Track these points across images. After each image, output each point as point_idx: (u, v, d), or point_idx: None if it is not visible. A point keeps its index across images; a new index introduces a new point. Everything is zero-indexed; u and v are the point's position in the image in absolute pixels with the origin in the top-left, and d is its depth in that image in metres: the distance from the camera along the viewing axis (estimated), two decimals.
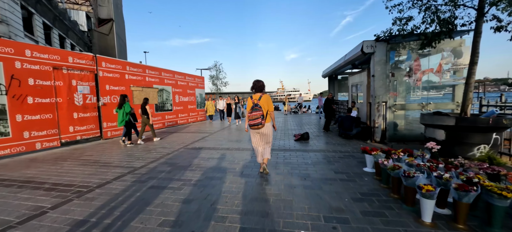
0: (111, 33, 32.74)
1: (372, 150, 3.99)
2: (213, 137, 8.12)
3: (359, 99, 9.28)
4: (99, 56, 7.97)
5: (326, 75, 12.81)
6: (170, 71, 11.74)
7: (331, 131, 8.72)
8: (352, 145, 6.31)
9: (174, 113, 11.83)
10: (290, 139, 7.38)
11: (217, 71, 30.94)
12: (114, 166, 4.74)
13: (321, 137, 7.70)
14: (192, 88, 13.63)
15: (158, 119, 10.73)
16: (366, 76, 7.90)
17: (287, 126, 10.70)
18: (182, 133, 9.39)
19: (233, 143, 6.93)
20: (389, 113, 6.41)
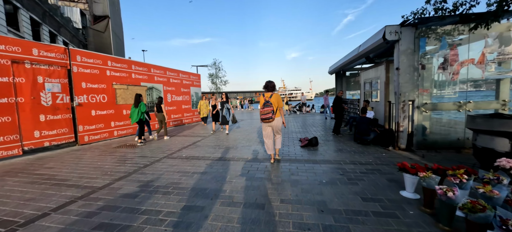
0: (107, 30, 31.71)
1: (415, 168, 2.85)
2: (206, 142, 7.01)
3: (373, 97, 8.10)
4: (73, 49, 6.88)
5: (333, 71, 11.64)
6: (161, 68, 10.63)
7: (342, 135, 7.56)
8: (372, 153, 5.15)
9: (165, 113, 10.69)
10: (295, 145, 6.24)
11: (217, 69, 29.83)
12: (69, 186, 3.63)
13: (332, 142, 6.55)
14: (186, 86, 12.53)
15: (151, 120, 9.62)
16: (384, 71, 6.72)
17: (290, 128, 9.56)
18: (172, 136, 8.29)
19: (227, 151, 5.80)
20: (417, 114, 5.24)
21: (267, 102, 4.28)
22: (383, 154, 5.09)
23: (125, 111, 8.48)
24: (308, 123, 10.93)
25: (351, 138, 7.03)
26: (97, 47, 26.70)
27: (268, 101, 4.27)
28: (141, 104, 6.81)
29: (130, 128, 8.70)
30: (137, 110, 6.76)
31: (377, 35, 5.58)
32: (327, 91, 13.39)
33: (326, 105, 13.11)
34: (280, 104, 4.35)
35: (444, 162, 4.37)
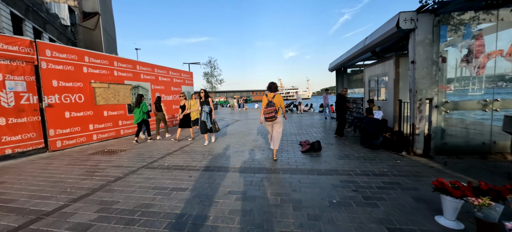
0: (98, 27, 30.54)
1: (459, 189, 2.13)
2: (194, 146, 6.24)
3: (378, 96, 7.42)
4: (41, 42, 6.02)
5: (333, 68, 10.94)
6: (148, 65, 9.80)
7: (346, 137, 6.86)
8: (385, 160, 4.45)
9: (153, 114, 9.88)
10: (295, 150, 5.51)
11: (212, 68, 28.99)
12: (9, 210, 2.83)
13: (336, 146, 5.83)
14: (177, 85, 11.71)
15: (131, 122, 8.79)
16: (393, 66, 6.04)
17: (287, 129, 8.83)
18: (157, 140, 7.49)
19: (217, 158, 5.05)
20: (435, 114, 4.55)
21: (270, 102, 4.51)
22: (397, 161, 4.39)
23: (106, 113, 7.64)
24: (307, 124, 10.22)
25: (356, 140, 6.33)
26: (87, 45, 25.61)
27: (271, 101, 4.51)
28: (143, 104, 7.03)
29: (112, 131, 7.87)
30: (139, 110, 6.96)
31: (388, 23, 4.87)
32: (327, 89, 12.70)
33: (326, 104, 12.42)
34: (281, 104, 4.62)
35: (472, 172, 3.69)
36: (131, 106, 8.80)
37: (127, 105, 8.61)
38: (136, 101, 7.05)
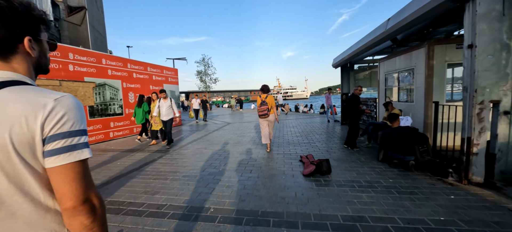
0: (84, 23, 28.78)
1: None
2: (168, 158, 4.69)
3: (399, 96, 5.93)
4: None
5: (338, 64, 9.43)
6: (119, 59, 8.21)
7: (359, 148, 5.35)
8: (431, 193, 2.95)
9: (127, 118, 8.32)
10: (294, 169, 4.00)
11: (206, 66, 27.37)
12: None
13: (349, 164, 4.32)
14: (158, 84, 10.13)
15: (96, 128, 7.21)
16: (425, 57, 4.54)
17: (284, 136, 7.31)
18: (126, 151, 5.92)
19: (186, 180, 3.50)
20: (503, 124, 3.05)
21: (263, 102, 5.19)
22: (450, 196, 2.88)
23: None
24: (307, 129, 8.69)
25: (373, 154, 4.83)
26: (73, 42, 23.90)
27: (264, 101, 5.19)
28: (144, 104, 7.06)
29: None
30: (141, 110, 6.97)
31: None
32: (329, 88, 11.21)
33: (329, 105, 10.93)
34: (273, 103, 5.26)
35: None
36: (95, 109, 7.22)
37: (89, 108, 7.03)
38: (138, 101, 7.12)
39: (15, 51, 0.63)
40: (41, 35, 0.69)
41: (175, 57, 19.49)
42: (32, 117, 0.57)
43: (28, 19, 0.64)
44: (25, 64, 0.66)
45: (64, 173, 0.59)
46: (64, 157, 0.59)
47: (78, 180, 0.61)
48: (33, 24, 0.66)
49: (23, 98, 0.58)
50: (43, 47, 0.72)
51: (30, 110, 0.57)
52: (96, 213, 0.65)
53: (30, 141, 0.57)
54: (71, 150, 0.60)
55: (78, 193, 0.60)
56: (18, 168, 0.57)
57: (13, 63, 0.63)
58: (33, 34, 0.66)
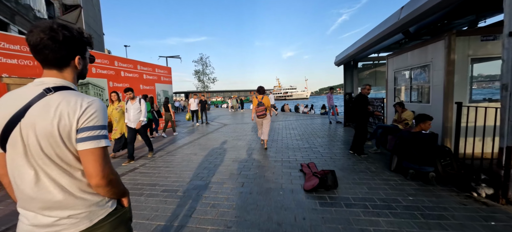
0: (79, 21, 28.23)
1: None
2: (150, 166, 4.10)
3: (412, 97, 5.33)
4: None
5: (341, 62, 8.82)
6: (105, 56, 7.62)
7: (367, 155, 4.75)
8: (463, 216, 2.36)
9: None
10: (293, 182, 3.41)
11: (204, 66, 26.74)
12: None
13: (358, 175, 3.72)
14: (149, 83, 9.53)
15: None
16: (444, 51, 3.94)
17: (282, 139, 6.71)
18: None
19: (165, 196, 2.91)
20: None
21: (260, 102, 5.45)
22: (491, 222, 2.28)
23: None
24: (308, 132, 8.09)
25: (383, 161, 4.23)
26: None
27: (260, 101, 5.45)
28: (147, 104, 6.90)
29: None
30: None
31: None
32: (331, 88, 10.62)
33: (331, 105, 10.33)
34: (269, 104, 5.51)
35: None
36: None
37: None
38: None
39: (68, 65, 0.92)
40: (86, 54, 0.99)
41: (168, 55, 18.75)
42: (72, 113, 0.83)
43: (80, 43, 0.93)
44: (72, 74, 0.94)
45: (88, 155, 0.85)
46: (89, 143, 0.84)
47: (98, 161, 0.86)
48: (83, 46, 0.95)
49: (68, 100, 0.84)
50: (86, 61, 1.01)
51: (71, 109, 0.83)
52: (113, 184, 0.93)
53: (69, 130, 0.82)
54: (94, 139, 0.85)
55: (98, 171, 0.86)
56: (63, 149, 0.83)
57: (65, 73, 0.91)
58: (81, 53, 0.95)
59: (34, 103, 0.81)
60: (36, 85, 0.85)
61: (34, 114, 0.80)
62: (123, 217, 1.03)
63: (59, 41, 0.84)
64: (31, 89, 0.84)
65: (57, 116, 0.80)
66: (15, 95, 0.84)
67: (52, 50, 0.84)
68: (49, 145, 0.81)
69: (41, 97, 0.82)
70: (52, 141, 0.81)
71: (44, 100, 0.82)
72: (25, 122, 0.80)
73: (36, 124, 0.79)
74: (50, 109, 0.80)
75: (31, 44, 0.83)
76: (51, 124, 0.79)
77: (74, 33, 0.88)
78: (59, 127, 0.80)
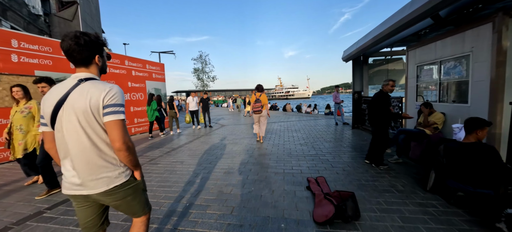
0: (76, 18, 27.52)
1: None
2: None
3: (441, 96, 4.47)
4: None
5: (350, 57, 7.95)
6: None
7: (387, 166, 3.90)
8: None
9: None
10: (298, 205, 2.58)
11: (203, 64, 25.94)
12: None
13: (381, 193, 2.88)
14: (139, 80, 8.73)
15: None
16: (491, 37, 3.08)
17: (283, 142, 5.88)
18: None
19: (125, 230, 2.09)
20: None
21: (257, 99, 5.88)
22: None
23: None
24: (312, 135, 7.25)
25: (409, 173, 3.38)
26: None
27: (258, 99, 5.88)
28: (153, 103, 7.47)
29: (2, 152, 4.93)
30: (150, 109, 7.43)
31: None
32: (337, 86, 9.77)
33: (337, 105, 9.46)
34: (266, 102, 5.95)
35: None
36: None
37: None
38: (148, 100, 7.56)
39: (91, 62, 1.24)
40: (103, 53, 1.30)
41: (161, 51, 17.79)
42: (99, 94, 1.13)
43: (98, 44, 1.24)
44: (96, 69, 1.27)
45: (112, 125, 1.14)
46: (112, 116, 1.14)
47: (119, 129, 1.15)
48: (100, 47, 1.26)
49: (95, 86, 1.15)
50: (104, 59, 1.33)
51: (98, 92, 1.14)
52: (130, 150, 1.20)
53: (98, 107, 1.13)
54: (114, 113, 1.15)
55: (119, 138, 1.14)
56: (94, 121, 1.14)
57: (90, 69, 1.25)
58: (100, 52, 1.27)
59: (72, 90, 1.14)
60: (73, 78, 1.19)
61: (73, 98, 1.13)
62: (136, 188, 1.30)
63: (81, 45, 1.16)
64: (70, 81, 1.18)
65: (88, 97, 1.12)
66: (59, 87, 1.17)
67: (78, 53, 1.17)
68: (84, 119, 1.12)
69: (77, 85, 1.15)
70: (86, 115, 1.12)
71: (79, 87, 1.15)
72: (67, 104, 1.13)
73: (74, 104, 1.12)
74: (84, 92, 1.13)
75: (64, 50, 1.16)
76: (85, 103, 1.11)
77: (91, 38, 1.20)
78: (90, 105, 1.12)
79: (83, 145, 1.13)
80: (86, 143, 1.13)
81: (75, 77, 1.18)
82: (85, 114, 1.11)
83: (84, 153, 1.13)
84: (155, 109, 7.60)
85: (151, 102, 7.50)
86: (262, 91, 6.02)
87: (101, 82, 1.18)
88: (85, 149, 1.13)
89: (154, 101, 7.55)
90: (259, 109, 5.87)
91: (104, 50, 1.30)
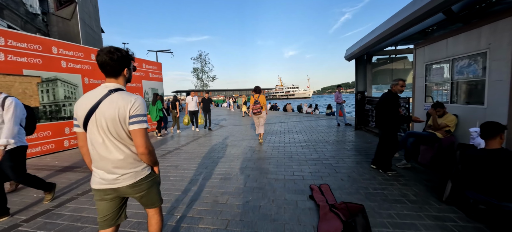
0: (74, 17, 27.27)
1: None
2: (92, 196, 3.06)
3: (452, 97, 4.20)
4: None
5: (353, 56, 7.67)
6: (79, 48, 6.55)
7: (396, 171, 3.63)
8: None
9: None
10: (300, 220, 2.31)
11: (202, 63, 25.66)
12: None
13: (392, 204, 2.62)
14: (135, 80, 8.48)
15: (43, 136, 5.58)
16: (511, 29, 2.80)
17: (282, 143, 5.62)
18: (69, 167, 4.27)
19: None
20: None
21: (256, 101, 5.93)
22: None
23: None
24: (314, 136, 6.98)
25: (419, 180, 3.11)
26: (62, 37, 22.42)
27: (257, 100, 5.93)
28: (158, 102, 7.52)
29: None
30: (155, 108, 7.49)
31: None
32: (339, 86, 9.52)
33: (339, 105, 9.19)
34: (264, 102, 6.01)
35: None
36: (40, 111, 5.58)
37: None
38: (152, 100, 7.71)
39: (120, 74, 1.39)
40: (131, 66, 1.45)
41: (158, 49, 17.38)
42: (126, 106, 1.29)
43: (127, 59, 1.39)
44: (123, 80, 1.42)
45: (136, 133, 1.30)
46: (136, 125, 1.30)
47: (143, 137, 1.31)
48: (129, 61, 1.42)
49: (123, 97, 1.30)
50: (131, 71, 1.48)
51: (125, 103, 1.29)
52: (151, 154, 1.38)
53: (125, 116, 1.29)
54: (139, 122, 1.31)
55: (142, 144, 1.30)
56: (120, 128, 1.30)
57: (119, 80, 1.39)
58: (128, 66, 1.42)
59: (103, 99, 1.29)
60: (103, 88, 1.34)
61: (104, 106, 1.28)
62: (155, 180, 1.51)
63: (115, 60, 1.32)
64: (101, 90, 1.33)
65: (117, 107, 1.28)
66: (91, 95, 1.33)
67: (111, 66, 1.33)
68: (112, 126, 1.28)
69: (107, 95, 1.30)
70: (115, 123, 1.28)
71: (109, 97, 1.29)
72: (98, 111, 1.28)
73: (105, 112, 1.27)
74: (113, 102, 1.28)
75: (99, 63, 1.33)
76: (114, 113, 1.27)
77: (123, 53, 1.37)
78: (118, 114, 1.28)
79: (111, 147, 1.31)
80: (114, 146, 1.32)
81: (105, 87, 1.34)
82: (113, 122, 1.28)
83: (112, 154, 1.31)
84: (161, 109, 7.59)
85: (156, 102, 7.51)
86: (259, 92, 6.08)
87: (127, 94, 1.34)
88: (113, 150, 1.31)
89: (158, 101, 7.54)
90: (259, 111, 5.92)
91: (132, 63, 1.46)
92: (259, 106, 5.89)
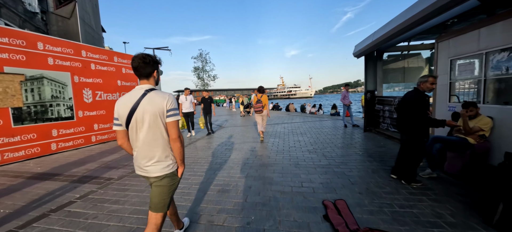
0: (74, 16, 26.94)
1: None
2: (82, 206, 2.58)
3: (485, 96, 3.67)
4: None
5: (362, 53, 7.14)
6: (67, 44, 6.09)
7: (421, 183, 3.12)
8: None
9: (80, 123, 6.24)
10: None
11: (203, 62, 25.20)
12: None
13: (427, 229, 2.11)
14: (130, 78, 8.01)
15: (27, 139, 5.14)
16: None
17: (289, 151, 5.12)
18: (50, 175, 3.81)
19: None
20: None
21: (259, 100, 6.17)
22: None
23: None
24: (320, 139, 6.47)
25: (450, 194, 2.60)
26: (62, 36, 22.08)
27: (259, 100, 6.17)
28: None
29: None
30: None
31: None
32: (347, 84, 8.99)
33: (347, 104, 8.66)
34: (266, 102, 6.29)
35: None
36: (23, 111, 5.14)
37: (14, 110, 4.95)
38: None
39: (151, 76, 1.65)
40: (159, 69, 1.70)
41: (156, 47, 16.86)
42: (163, 102, 1.56)
43: (156, 63, 1.65)
44: (153, 80, 1.66)
45: (171, 124, 1.58)
46: (172, 118, 1.58)
47: (176, 127, 1.60)
48: (157, 64, 1.67)
49: (159, 95, 1.57)
50: (159, 74, 1.73)
51: (162, 100, 1.56)
52: (181, 142, 1.64)
53: (163, 111, 1.56)
54: (174, 115, 1.59)
55: (175, 132, 1.59)
56: (160, 122, 1.55)
57: (150, 81, 1.64)
58: (157, 69, 1.67)
59: (142, 98, 1.53)
60: (139, 89, 1.58)
61: (144, 104, 1.52)
62: (176, 181, 1.69)
63: (147, 63, 1.58)
64: (138, 91, 1.57)
65: (156, 104, 1.53)
66: (130, 96, 1.57)
67: (144, 69, 1.58)
68: (153, 120, 1.53)
69: (145, 94, 1.55)
70: (155, 117, 1.53)
71: (147, 96, 1.54)
72: (139, 109, 1.52)
73: (146, 109, 1.52)
74: (151, 100, 1.53)
75: (133, 67, 1.58)
76: (153, 108, 1.52)
77: (153, 58, 1.62)
78: (158, 109, 1.53)
79: (150, 138, 1.56)
80: (153, 137, 1.56)
81: (141, 88, 1.60)
82: (154, 117, 1.54)
83: (150, 145, 1.56)
84: None
85: None
86: (263, 92, 6.35)
87: (161, 92, 1.61)
88: (150, 141, 1.56)
89: None
90: (260, 109, 6.12)
91: (159, 67, 1.71)
92: (261, 105, 6.13)
